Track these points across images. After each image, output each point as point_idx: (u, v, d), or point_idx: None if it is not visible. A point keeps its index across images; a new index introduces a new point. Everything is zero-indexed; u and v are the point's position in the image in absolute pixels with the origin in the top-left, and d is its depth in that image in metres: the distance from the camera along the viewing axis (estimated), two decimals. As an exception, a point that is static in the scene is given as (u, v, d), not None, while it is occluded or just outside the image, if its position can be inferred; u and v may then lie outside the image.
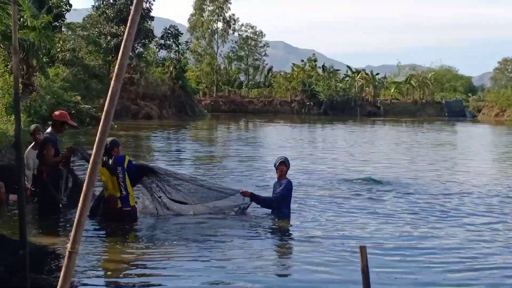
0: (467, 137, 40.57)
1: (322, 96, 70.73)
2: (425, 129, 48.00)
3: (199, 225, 10.81)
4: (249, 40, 75.68)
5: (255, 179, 17.00)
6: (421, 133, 44.21)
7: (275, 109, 71.48)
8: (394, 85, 79.64)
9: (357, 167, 20.67)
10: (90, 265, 8.24)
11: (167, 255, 8.77)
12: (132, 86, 50.21)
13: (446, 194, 14.83)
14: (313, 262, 8.57)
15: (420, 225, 11.08)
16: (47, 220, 11.01)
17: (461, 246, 9.55)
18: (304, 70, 76.59)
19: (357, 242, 9.28)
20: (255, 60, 77.65)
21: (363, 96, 75.18)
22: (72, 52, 43.82)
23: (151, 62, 56.90)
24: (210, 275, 7.79)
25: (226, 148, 29.34)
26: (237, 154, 25.23)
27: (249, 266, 8.28)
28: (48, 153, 10.84)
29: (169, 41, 57.24)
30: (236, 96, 75.07)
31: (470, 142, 35.77)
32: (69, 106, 30.39)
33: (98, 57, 49.34)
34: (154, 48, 58.04)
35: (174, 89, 55.31)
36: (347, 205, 13.20)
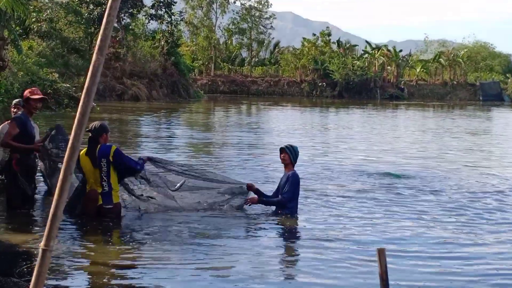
0: (505, 125, 38.14)
1: (336, 76, 63.40)
2: (456, 115, 44.59)
3: (193, 223, 9.98)
4: (253, 10, 68.03)
5: (258, 170, 16.10)
6: (451, 119, 40.70)
7: (282, 91, 65.11)
8: (421, 64, 70.66)
9: (375, 159, 19.58)
10: (66, 266, 7.73)
11: (155, 257, 8.09)
12: (118, 62, 46.35)
13: (481, 192, 13.78)
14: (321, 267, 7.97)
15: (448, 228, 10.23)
16: (16, 214, 10.26)
17: (502, 254, 8.73)
18: (316, 45, 68.09)
19: (374, 245, 8.63)
20: (260, 34, 69.72)
21: (384, 76, 67.11)
22: (49, 22, 40.95)
23: (140, 35, 52.46)
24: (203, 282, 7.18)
25: (225, 135, 27.87)
26: (238, 142, 23.91)
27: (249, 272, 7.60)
28: (10, 131, 10.16)
29: (161, 11, 51.63)
30: (237, 75, 67.83)
31: (509, 131, 33.74)
32: (45, 85, 28.69)
33: (78, 29, 45.34)
34: (143, 19, 53.25)
35: (166, 67, 50.84)
36: (362, 203, 12.25)
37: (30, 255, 7.92)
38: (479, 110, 50.58)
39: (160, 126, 30.56)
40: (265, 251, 8.82)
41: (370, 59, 68.47)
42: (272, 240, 9.66)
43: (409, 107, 52.76)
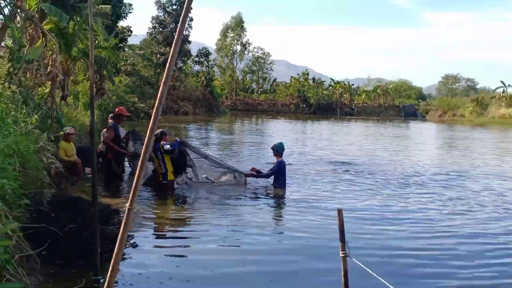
0: (417, 130, 45.85)
1: (312, 100, 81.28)
2: (387, 125, 52.95)
3: (217, 193, 11.92)
4: (259, 59, 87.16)
5: (261, 158, 18.88)
6: (383, 128, 48.59)
7: (277, 109, 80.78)
8: (365, 93, 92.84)
9: (336, 152, 23.10)
10: (142, 218, 9.35)
11: (195, 215, 9.91)
12: (174, 91, 58.74)
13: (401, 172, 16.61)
14: (297, 221, 9.64)
15: (384, 196, 12.34)
16: (110, 187, 12.17)
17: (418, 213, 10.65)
18: (299, 81, 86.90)
19: (335, 206, 10.35)
20: (264, 73, 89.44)
21: (342, 101, 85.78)
22: (132, 65, 53.69)
23: (188, 74, 66.59)
24: (222, 230, 8.80)
25: (241, 136, 32.29)
26: (249, 141, 28.01)
27: (251, 224, 9.27)
28: (109, 135, 12.36)
29: (202, 58, 67.50)
30: (249, 99, 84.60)
31: (419, 135, 40.59)
32: (129, 105, 35.44)
33: (150, 70, 58.55)
34: (190, 64, 67.71)
35: (205, 94, 64.75)
36: (328, 180, 14.61)
37: (119, 212, 8.92)
38: (401, 122, 61.34)
39: (200, 131, 35.01)
40: (263, 208, 10.80)
41: (333, 89, 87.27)
42: (268, 201, 11.63)
43: (357, 120, 63.28)
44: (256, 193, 12.26)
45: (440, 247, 8.19)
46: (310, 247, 7.97)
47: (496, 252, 8.16)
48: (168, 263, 7.12)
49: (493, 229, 9.59)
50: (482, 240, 8.76)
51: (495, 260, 7.69)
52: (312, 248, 7.91)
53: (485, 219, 10.36)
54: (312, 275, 6.75)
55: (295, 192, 12.43)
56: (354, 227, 8.80)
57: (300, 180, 14.31)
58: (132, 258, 7.12)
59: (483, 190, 13.82)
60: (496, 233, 9.28)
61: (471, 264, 7.45)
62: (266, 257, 7.44)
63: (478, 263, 7.50)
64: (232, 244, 8.06)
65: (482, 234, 9.13)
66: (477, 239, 8.80)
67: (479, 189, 13.95)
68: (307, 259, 7.41)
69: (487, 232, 9.36)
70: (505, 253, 8.09)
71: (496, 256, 7.95)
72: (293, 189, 12.79)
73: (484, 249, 8.29)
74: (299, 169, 16.37)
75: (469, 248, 8.20)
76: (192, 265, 7.04)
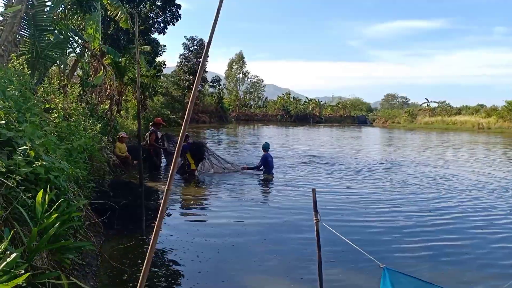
0: (366, 133, 46.09)
1: (292, 112, 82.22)
2: (345, 130, 52.83)
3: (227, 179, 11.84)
4: (255, 83, 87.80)
5: (255, 153, 18.32)
6: (343, 131, 48.73)
7: (268, 119, 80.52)
8: (330, 107, 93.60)
9: (308, 148, 22.76)
10: (174, 196, 9.40)
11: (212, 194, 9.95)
12: (196, 106, 59.29)
13: (356, 162, 16.54)
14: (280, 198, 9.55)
15: (347, 179, 12.29)
16: (152, 174, 12.29)
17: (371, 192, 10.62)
18: (283, 99, 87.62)
19: (309, 187, 10.45)
20: (258, 94, 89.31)
21: (313, 112, 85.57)
22: (166, 88, 54.43)
23: (205, 94, 67.32)
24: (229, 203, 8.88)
25: (242, 138, 31.90)
26: (247, 141, 27.92)
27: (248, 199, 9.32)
28: (151, 137, 12.68)
29: (215, 83, 70.01)
30: (248, 112, 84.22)
31: (367, 135, 40.95)
32: (164, 116, 35.58)
33: (178, 91, 59.17)
34: (207, 87, 68.94)
35: (217, 108, 66.01)
36: (305, 168, 14.50)
37: (158, 191, 9.44)
38: (356, 127, 61.91)
39: (214, 134, 34.90)
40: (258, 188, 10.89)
41: (307, 104, 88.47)
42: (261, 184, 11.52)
43: (324, 126, 63.75)
44: (252, 178, 12.21)
45: (391, 218, 7.92)
46: (291, 217, 7.85)
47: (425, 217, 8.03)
48: (191, 227, 7.11)
49: (426, 201, 9.51)
50: (418, 213, 8.49)
51: (428, 228, 7.37)
52: (293, 218, 7.78)
53: (419, 194, 10.28)
54: (293, 238, 6.64)
55: (280, 177, 12.38)
56: (324, 203, 8.71)
57: (284, 168, 14.26)
58: (166, 224, 7.10)
59: (416, 173, 13.83)
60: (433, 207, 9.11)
61: (413, 230, 7.21)
62: (259, 224, 7.35)
63: (416, 229, 7.24)
64: (235, 214, 7.99)
65: (420, 208, 8.89)
66: (417, 212, 8.53)
67: (413, 173, 13.97)
68: (290, 226, 7.31)
69: (424, 205, 9.23)
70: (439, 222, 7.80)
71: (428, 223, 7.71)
72: (279, 175, 12.71)
73: (416, 217, 8.16)
74: (283, 160, 16.31)
75: (410, 218, 8.02)
76: (208, 228, 7.01)
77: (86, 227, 5.44)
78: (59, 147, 5.31)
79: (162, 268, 5.30)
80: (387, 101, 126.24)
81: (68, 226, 4.21)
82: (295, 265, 5.51)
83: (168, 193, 2.65)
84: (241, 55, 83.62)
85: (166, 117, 38.48)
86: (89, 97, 13.74)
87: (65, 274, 3.85)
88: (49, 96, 8.11)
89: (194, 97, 2.77)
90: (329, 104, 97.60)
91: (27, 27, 8.27)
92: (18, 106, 4.97)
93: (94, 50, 13.66)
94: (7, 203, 3.61)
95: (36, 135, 4.53)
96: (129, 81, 18.83)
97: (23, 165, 3.88)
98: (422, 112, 74.75)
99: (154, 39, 23.73)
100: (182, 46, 62.63)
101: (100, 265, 5.11)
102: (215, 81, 69.87)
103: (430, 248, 6.32)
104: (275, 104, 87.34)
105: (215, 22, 2.69)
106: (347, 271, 5.33)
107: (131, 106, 24.42)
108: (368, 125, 76.22)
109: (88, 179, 7.06)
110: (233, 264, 5.47)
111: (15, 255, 2.58)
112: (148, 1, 21.20)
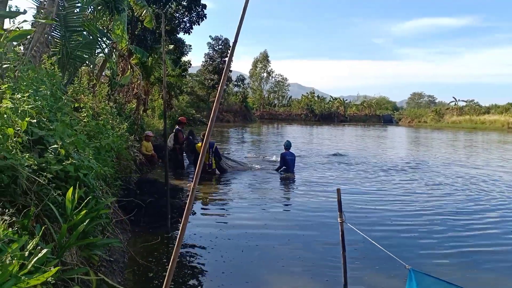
0: (392, 132, 44.88)
1: (317, 111, 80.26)
2: (371, 129, 51.54)
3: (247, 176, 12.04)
4: (280, 82, 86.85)
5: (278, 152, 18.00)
6: (368, 130, 47.66)
7: (292, 118, 79.34)
8: (355, 106, 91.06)
9: (333, 146, 23.04)
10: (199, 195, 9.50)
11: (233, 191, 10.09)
12: (220, 105, 59.55)
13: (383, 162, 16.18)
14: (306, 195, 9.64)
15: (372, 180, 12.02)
16: (176, 172, 12.41)
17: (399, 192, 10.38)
18: (308, 98, 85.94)
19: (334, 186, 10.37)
20: (282, 93, 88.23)
21: (338, 111, 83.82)
22: (191, 88, 54.51)
23: (230, 93, 67.42)
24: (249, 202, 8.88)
25: (266, 136, 31.96)
26: (271, 140, 27.75)
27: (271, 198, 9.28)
28: (179, 137, 12.92)
29: (239, 83, 69.72)
30: (272, 111, 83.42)
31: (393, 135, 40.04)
32: (189, 115, 36.49)
33: (203, 90, 59.10)
34: (231, 87, 69.01)
35: (241, 107, 65.75)
36: (329, 166, 14.50)
37: (183, 189, 9.47)
38: (381, 127, 60.05)
39: (238, 133, 34.91)
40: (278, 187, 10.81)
41: (332, 104, 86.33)
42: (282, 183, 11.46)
43: (349, 125, 62.07)
44: (275, 177, 12.15)
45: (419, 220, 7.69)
46: (315, 217, 7.76)
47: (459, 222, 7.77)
48: (214, 226, 7.13)
49: (460, 203, 9.20)
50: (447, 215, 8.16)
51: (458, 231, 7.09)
52: (317, 218, 7.69)
53: (449, 196, 9.95)
54: (317, 238, 6.57)
55: (304, 176, 12.30)
56: (349, 203, 8.58)
57: (308, 167, 14.16)
58: (190, 222, 7.09)
59: (446, 174, 13.46)
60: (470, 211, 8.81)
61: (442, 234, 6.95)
62: (282, 225, 7.31)
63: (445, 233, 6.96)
64: (259, 214, 7.95)
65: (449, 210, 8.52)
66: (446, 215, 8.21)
67: (443, 173, 13.59)
68: (314, 226, 7.23)
69: (454, 208, 8.89)
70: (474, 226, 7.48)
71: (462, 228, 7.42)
72: (303, 173, 12.64)
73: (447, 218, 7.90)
74: (307, 159, 16.22)
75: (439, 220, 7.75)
76: (231, 228, 7.02)
77: (114, 224, 5.50)
78: (88, 146, 5.41)
79: (186, 266, 5.34)
80: (413, 100, 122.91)
81: (96, 223, 4.28)
82: (319, 265, 5.45)
83: (194, 192, 2.66)
84: (265, 54, 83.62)
85: (191, 116, 39.12)
86: (117, 96, 13.94)
87: (94, 270, 3.93)
88: (78, 95, 8.31)
89: (220, 96, 2.76)
90: (354, 103, 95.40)
91: (58, 28, 8.48)
92: (49, 105, 5.09)
93: (122, 50, 13.86)
94: (39, 200, 3.71)
95: (66, 133, 4.64)
96: (155, 81, 18.95)
97: (54, 163, 3.97)
98: (450, 111, 72.87)
99: (180, 38, 23.90)
100: (207, 46, 63.02)
101: (127, 262, 5.18)
102: (239, 80, 69.71)
103: (459, 252, 6.13)
104: (299, 103, 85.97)
105: (241, 22, 2.69)
106: (372, 272, 5.25)
107: (157, 105, 24.52)
108: (393, 124, 74.53)
109: (115, 177, 7.15)
110: (257, 265, 5.46)
111: (45, 251, 2.65)
112: (174, 1, 21.38)
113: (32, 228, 3.36)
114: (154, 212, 6.99)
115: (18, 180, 3.51)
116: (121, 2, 10.33)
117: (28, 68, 5.39)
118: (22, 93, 4.34)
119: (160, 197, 7.48)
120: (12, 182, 3.50)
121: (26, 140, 3.95)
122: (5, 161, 3.40)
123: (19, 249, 2.56)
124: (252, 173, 12.53)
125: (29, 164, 3.66)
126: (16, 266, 2.32)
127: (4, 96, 4.07)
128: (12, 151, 3.58)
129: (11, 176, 3.47)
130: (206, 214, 8.09)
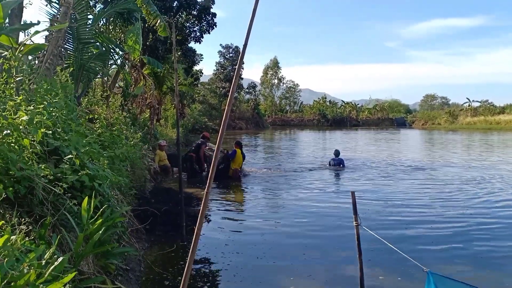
0: (404, 135, 44.81)
1: (329, 116, 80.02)
2: (383, 132, 50.86)
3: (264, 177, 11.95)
4: (291, 88, 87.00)
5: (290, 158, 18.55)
6: (380, 134, 47.05)
7: (304, 124, 78.94)
8: (367, 110, 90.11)
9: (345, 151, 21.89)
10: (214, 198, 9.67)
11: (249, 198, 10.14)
12: (232, 113, 59.71)
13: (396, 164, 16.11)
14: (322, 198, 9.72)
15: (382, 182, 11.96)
16: (191, 181, 12.35)
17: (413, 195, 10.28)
18: (320, 103, 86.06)
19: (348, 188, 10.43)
20: (294, 99, 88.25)
21: (350, 116, 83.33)
22: (203, 96, 54.85)
23: (242, 100, 67.59)
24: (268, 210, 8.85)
25: (278, 143, 32.00)
26: (283, 146, 27.94)
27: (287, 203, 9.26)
28: (202, 148, 13.09)
29: (251, 90, 70.64)
30: (284, 117, 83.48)
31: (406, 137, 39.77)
32: (201, 124, 36.86)
33: (215, 99, 59.93)
34: (243, 93, 69.24)
35: (253, 114, 66.15)
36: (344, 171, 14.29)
37: (198, 198, 9.49)
38: (394, 130, 59.35)
39: (251, 140, 34.76)
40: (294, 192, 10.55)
41: (344, 108, 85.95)
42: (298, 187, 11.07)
43: (362, 129, 61.26)
44: (290, 181, 12.12)
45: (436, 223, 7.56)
46: (331, 220, 7.70)
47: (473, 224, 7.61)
48: (230, 232, 7.09)
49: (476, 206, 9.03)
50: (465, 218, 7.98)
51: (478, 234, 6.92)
52: (332, 221, 7.63)
53: (468, 198, 9.77)
54: (333, 242, 6.52)
55: (320, 180, 12.32)
56: (364, 206, 8.51)
57: (324, 171, 14.20)
58: (205, 229, 7.08)
59: (462, 176, 13.19)
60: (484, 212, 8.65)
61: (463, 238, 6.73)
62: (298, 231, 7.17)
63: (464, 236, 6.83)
64: (273, 220, 7.91)
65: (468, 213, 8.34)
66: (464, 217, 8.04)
67: (459, 175, 13.32)
68: (329, 229, 7.16)
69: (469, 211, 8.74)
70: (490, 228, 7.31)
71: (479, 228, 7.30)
72: (319, 176, 12.75)
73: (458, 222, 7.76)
74: (323, 163, 16.10)
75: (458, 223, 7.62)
76: (247, 234, 6.97)
77: (129, 233, 5.52)
78: (103, 155, 5.46)
79: (202, 274, 5.32)
80: (426, 102, 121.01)
81: (112, 232, 4.30)
82: (335, 269, 5.40)
83: (207, 196, 2.64)
84: (275, 60, 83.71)
85: (204, 124, 39.40)
86: (130, 106, 14.09)
87: (110, 279, 3.94)
88: (92, 106, 8.40)
89: (231, 102, 2.76)
90: (366, 107, 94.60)
91: (71, 40, 8.63)
92: (64, 116, 5.16)
93: (134, 61, 14.02)
94: (55, 209, 3.75)
95: (81, 144, 4.69)
96: (167, 90, 19.12)
97: (69, 173, 4.01)
98: (464, 112, 71.98)
99: (191, 48, 24.05)
100: (218, 54, 63.73)
101: (143, 271, 5.18)
102: (250, 87, 70.39)
103: (479, 255, 5.98)
104: (311, 109, 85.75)
105: (250, 26, 2.69)
106: (389, 275, 5.17)
107: (170, 114, 24.82)
108: (407, 127, 73.81)
109: (130, 186, 7.17)
110: (271, 271, 5.42)
111: (62, 259, 2.66)
112: (185, 11, 21.51)
113: (48, 237, 3.38)
114: (169, 221, 6.98)
115: (35, 191, 3.55)
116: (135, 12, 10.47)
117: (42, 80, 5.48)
118: (37, 105, 4.41)
119: (175, 206, 7.46)
120: (28, 192, 3.54)
121: (42, 151, 4.00)
122: (21, 172, 3.44)
123: (36, 259, 2.57)
124: (272, 178, 12.53)
125: (45, 174, 3.70)
126: (33, 274, 2.33)
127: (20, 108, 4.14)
128: (28, 162, 3.62)
129: (27, 187, 3.51)
130: (221, 219, 8.05)
